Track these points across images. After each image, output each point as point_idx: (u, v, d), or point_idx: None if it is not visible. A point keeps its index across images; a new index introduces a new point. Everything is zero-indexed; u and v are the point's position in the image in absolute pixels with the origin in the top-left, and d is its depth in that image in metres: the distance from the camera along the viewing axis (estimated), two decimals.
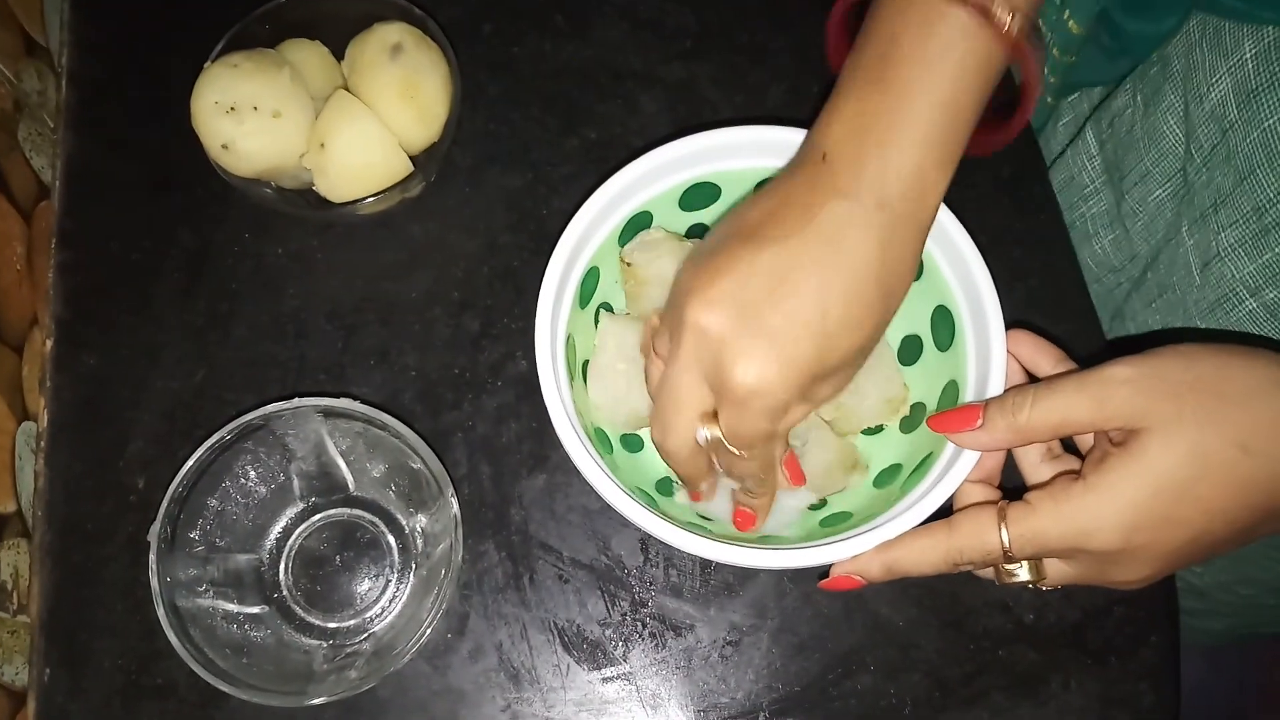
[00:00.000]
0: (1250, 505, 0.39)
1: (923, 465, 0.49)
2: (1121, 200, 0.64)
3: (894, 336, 0.55)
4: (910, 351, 0.54)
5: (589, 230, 0.51)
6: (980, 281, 0.49)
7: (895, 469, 0.52)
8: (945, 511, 0.46)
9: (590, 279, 0.53)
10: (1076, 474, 0.42)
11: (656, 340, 0.48)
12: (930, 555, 0.44)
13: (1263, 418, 0.39)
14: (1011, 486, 0.47)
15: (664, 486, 0.55)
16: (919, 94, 0.41)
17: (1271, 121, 0.51)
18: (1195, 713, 1.35)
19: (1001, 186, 0.64)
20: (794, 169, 0.45)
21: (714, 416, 0.45)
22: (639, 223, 0.54)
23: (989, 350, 0.48)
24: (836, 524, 0.51)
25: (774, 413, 0.43)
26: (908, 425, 0.54)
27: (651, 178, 0.52)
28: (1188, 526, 0.40)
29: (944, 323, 0.51)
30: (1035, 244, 0.64)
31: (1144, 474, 0.39)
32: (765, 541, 0.49)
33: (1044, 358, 0.48)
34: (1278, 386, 0.39)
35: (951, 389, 0.50)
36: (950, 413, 0.46)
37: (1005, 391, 0.45)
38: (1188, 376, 0.40)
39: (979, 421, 0.44)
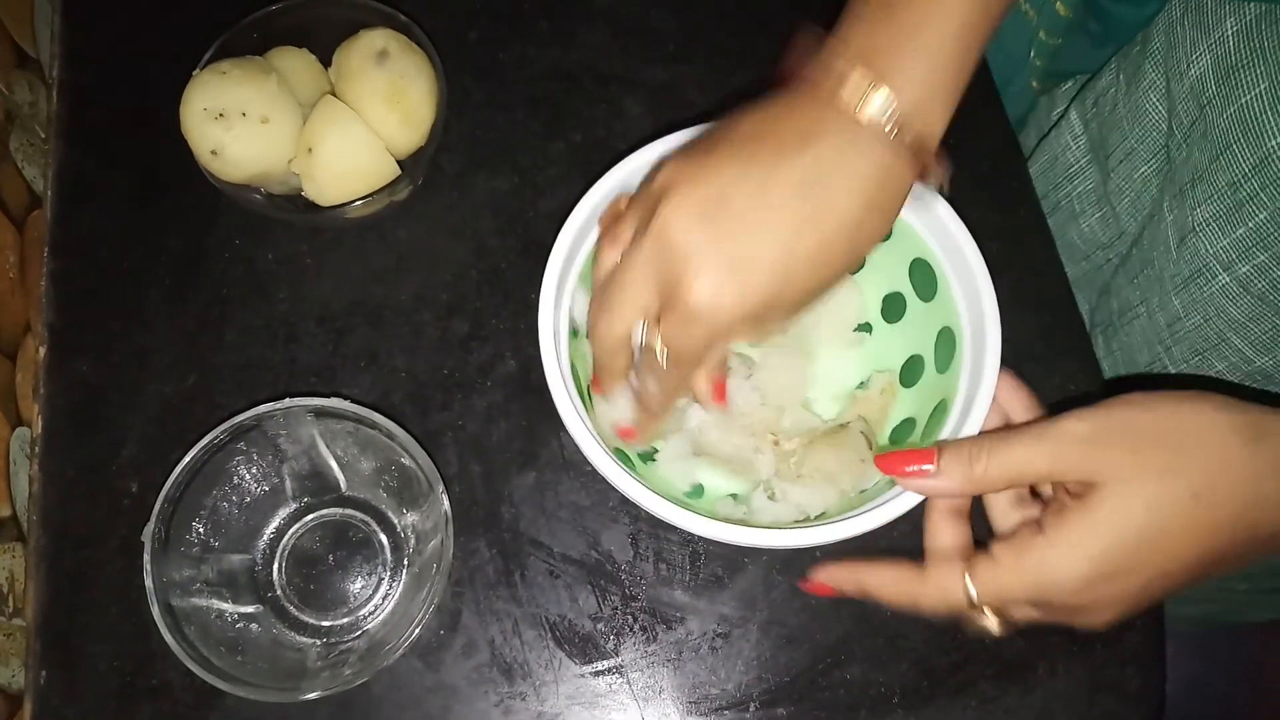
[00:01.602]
0: (1203, 550, 0.40)
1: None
2: (1107, 178, 0.65)
3: (898, 358, 0.56)
4: (912, 373, 0.55)
5: (586, 226, 0.52)
6: (987, 311, 0.50)
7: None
8: (918, 512, 0.47)
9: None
10: (1037, 523, 0.43)
11: (619, 224, 0.47)
12: (898, 597, 0.45)
13: (1213, 466, 0.40)
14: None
15: (648, 455, 0.55)
16: (927, 31, 0.42)
17: (1248, 98, 0.51)
18: (1188, 706, 1.36)
19: (979, 181, 0.65)
20: (802, 87, 0.44)
21: (655, 321, 0.45)
22: None
23: (980, 379, 0.49)
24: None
25: (716, 334, 0.44)
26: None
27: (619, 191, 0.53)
28: (1144, 573, 0.41)
29: (946, 346, 0.52)
30: (1015, 238, 0.65)
31: (1101, 528, 0.40)
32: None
33: (1016, 403, 0.49)
34: (1227, 432, 0.40)
35: (941, 409, 0.51)
36: (902, 454, 0.45)
37: (961, 440, 0.45)
38: (1141, 428, 0.41)
39: (934, 468, 0.44)
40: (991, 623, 0.45)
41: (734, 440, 0.56)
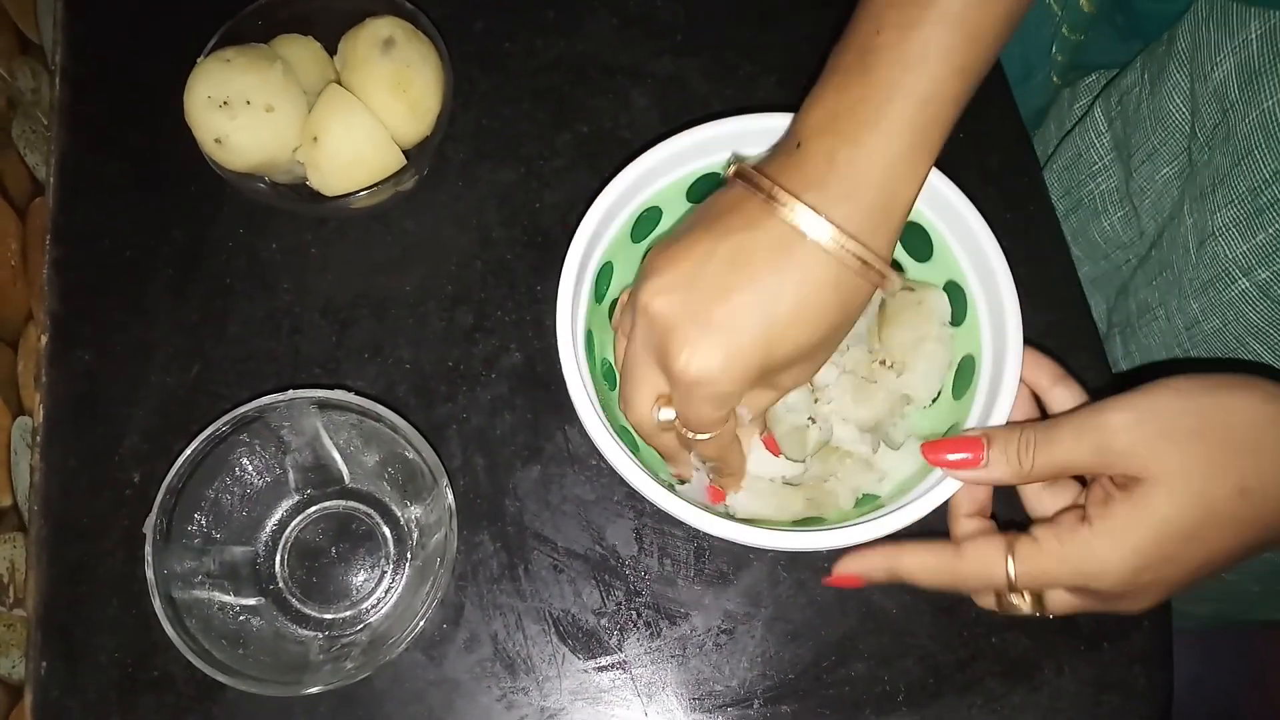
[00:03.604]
0: (1247, 541, 0.41)
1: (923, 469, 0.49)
2: (1130, 177, 0.65)
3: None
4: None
5: (601, 226, 0.52)
6: (1010, 336, 0.49)
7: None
8: (940, 512, 0.47)
9: (605, 275, 0.53)
10: (1081, 509, 0.43)
11: (623, 317, 0.48)
12: (934, 576, 0.46)
13: (1262, 460, 0.40)
14: (1005, 520, 0.48)
15: None
16: (896, 90, 0.42)
17: (1270, 103, 0.51)
18: (1190, 704, 1.36)
19: (989, 178, 0.65)
20: (770, 156, 0.45)
21: (669, 399, 0.46)
22: (650, 217, 0.54)
23: (995, 400, 0.48)
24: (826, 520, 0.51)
25: (721, 400, 0.44)
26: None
27: (660, 171, 0.53)
28: (1190, 563, 0.41)
29: (966, 370, 0.52)
30: (1024, 234, 0.64)
31: (1150, 524, 0.40)
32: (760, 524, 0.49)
33: (1043, 375, 0.49)
34: (1275, 425, 0.40)
35: (952, 432, 0.51)
36: (948, 442, 0.46)
37: (1007, 430, 0.45)
38: (1187, 421, 0.41)
39: (983, 459, 0.45)
40: (1025, 605, 0.45)
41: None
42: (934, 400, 0.54)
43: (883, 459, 0.53)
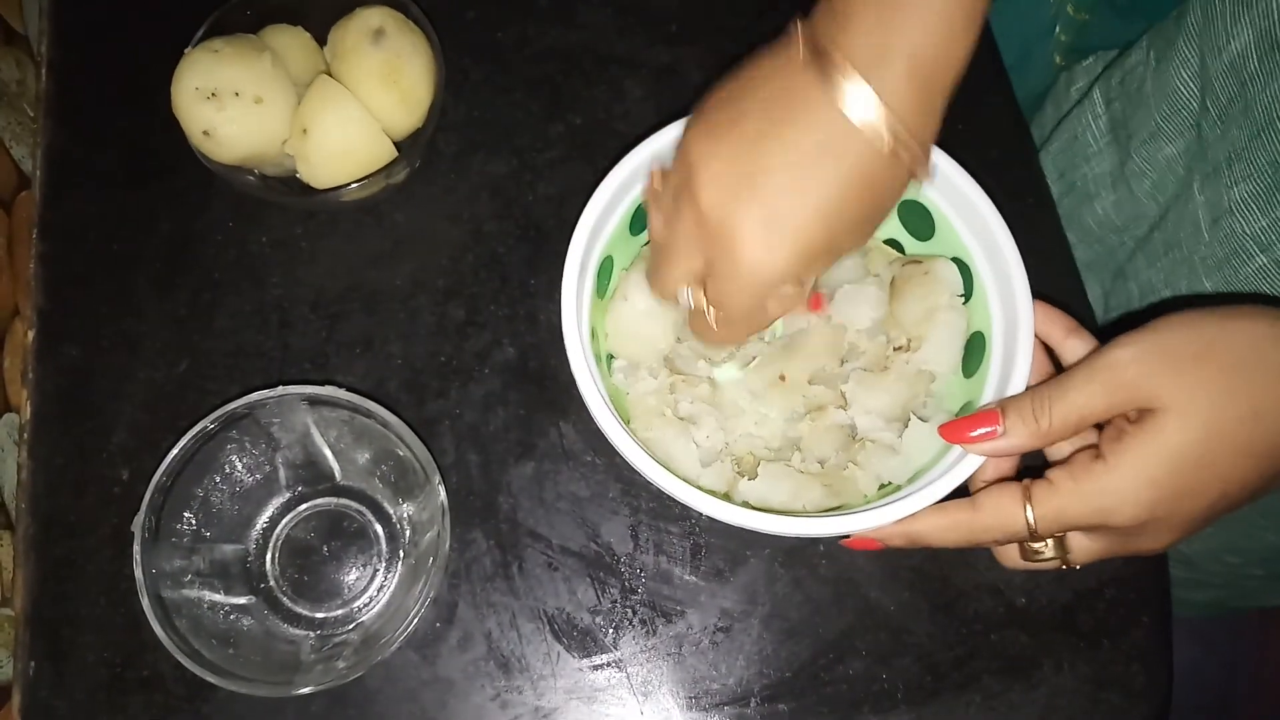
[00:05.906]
0: (1263, 468, 0.41)
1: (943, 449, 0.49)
2: (1127, 160, 0.64)
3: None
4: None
5: (601, 220, 0.51)
6: (1020, 307, 0.49)
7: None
8: (962, 491, 0.47)
9: (605, 269, 0.53)
10: (1095, 448, 0.43)
11: (659, 198, 0.47)
12: (952, 535, 0.46)
13: (1271, 382, 0.40)
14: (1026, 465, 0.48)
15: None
16: (907, 28, 0.40)
17: None
18: (1185, 694, 1.36)
19: (989, 169, 0.63)
20: (818, 18, 0.42)
21: (700, 283, 0.45)
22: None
23: (1011, 372, 0.48)
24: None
25: (764, 291, 0.43)
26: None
27: (659, 162, 0.52)
28: (1206, 495, 0.41)
29: (976, 347, 0.52)
30: (1024, 226, 0.63)
31: (1162, 452, 0.40)
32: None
33: (1055, 328, 0.49)
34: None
35: (967, 409, 0.51)
36: (966, 420, 0.46)
37: (1019, 396, 0.45)
38: (1193, 348, 0.41)
39: (1000, 429, 0.44)
40: (1049, 550, 0.45)
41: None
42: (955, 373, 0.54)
43: (906, 441, 0.52)
